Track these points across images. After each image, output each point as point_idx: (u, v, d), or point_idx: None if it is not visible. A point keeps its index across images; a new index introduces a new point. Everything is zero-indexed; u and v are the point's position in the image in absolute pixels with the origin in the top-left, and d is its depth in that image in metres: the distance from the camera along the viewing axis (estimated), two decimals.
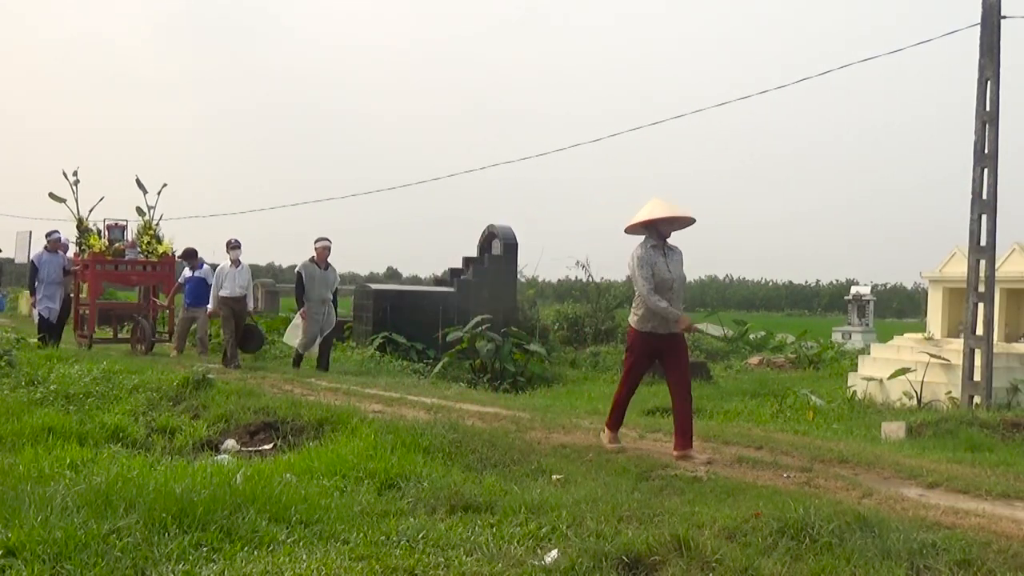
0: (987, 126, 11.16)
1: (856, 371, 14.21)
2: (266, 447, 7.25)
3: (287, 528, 4.33)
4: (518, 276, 21.65)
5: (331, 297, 12.64)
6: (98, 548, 3.81)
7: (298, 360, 12.83)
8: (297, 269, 12.66)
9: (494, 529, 4.44)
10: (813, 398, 12.89)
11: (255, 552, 3.99)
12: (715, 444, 7.05)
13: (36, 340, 14.27)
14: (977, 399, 11.08)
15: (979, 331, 11.26)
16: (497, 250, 20.37)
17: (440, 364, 16.49)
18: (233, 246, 13.11)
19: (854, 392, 13.48)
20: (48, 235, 14.90)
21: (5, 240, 33.04)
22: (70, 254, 15.32)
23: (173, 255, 14.83)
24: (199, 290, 14.18)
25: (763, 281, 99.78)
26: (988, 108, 11.15)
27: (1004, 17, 11.11)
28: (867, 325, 31.38)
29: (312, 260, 12.46)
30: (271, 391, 9.44)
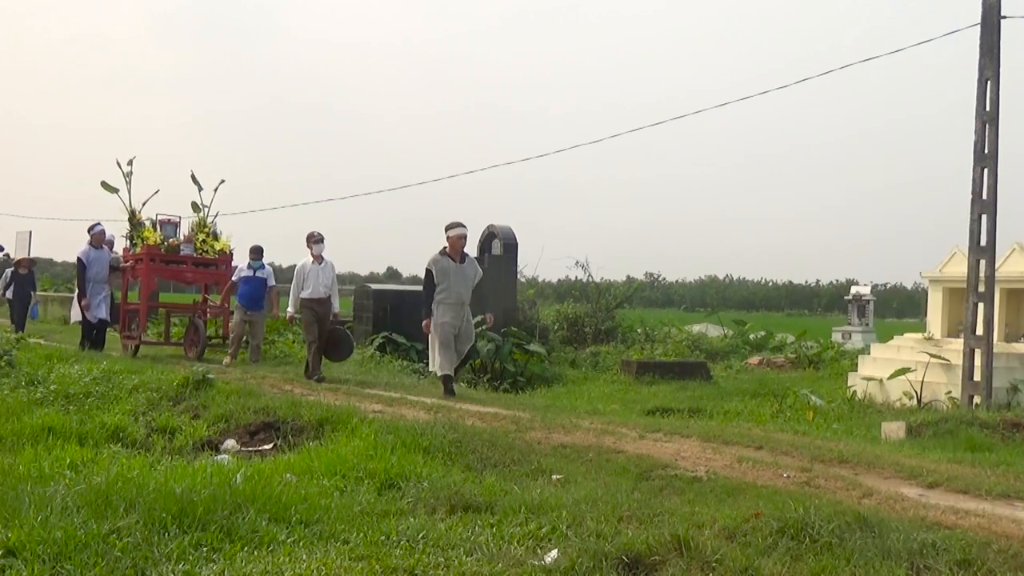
0: (987, 126, 11.16)
1: (856, 371, 14.22)
2: (266, 447, 7.24)
3: (287, 528, 4.33)
4: (518, 276, 21.64)
5: (469, 298, 10.12)
6: (98, 548, 3.81)
7: (448, 383, 10.06)
8: (426, 266, 10.01)
9: (494, 529, 4.44)
10: (813, 398, 12.88)
11: (255, 552, 3.99)
12: (715, 444, 7.05)
13: (85, 348, 13.26)
14: (977, 399, 11.08)
15: (979, 331, 11.26)
16: (497, 250, 20.35)
17: None
18: (316, 240, 11.35)
19: (854, 392, 13.48)
20: (91, 229, 13.72)
21: (5, 240, 33.01)
22: (118, 249, 14.44)
23: (231, 253, 14.00)
24: (259, 292, 13.06)
25: (763, 281, 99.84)
26: (988, 108, 11.15)
27: (1004, 17, 11.12)
28: (867, 325, 31.38)
29: (444, 252, 9.97)
30: (271, 391, 9.44)
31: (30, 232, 33.95)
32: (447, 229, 10.07)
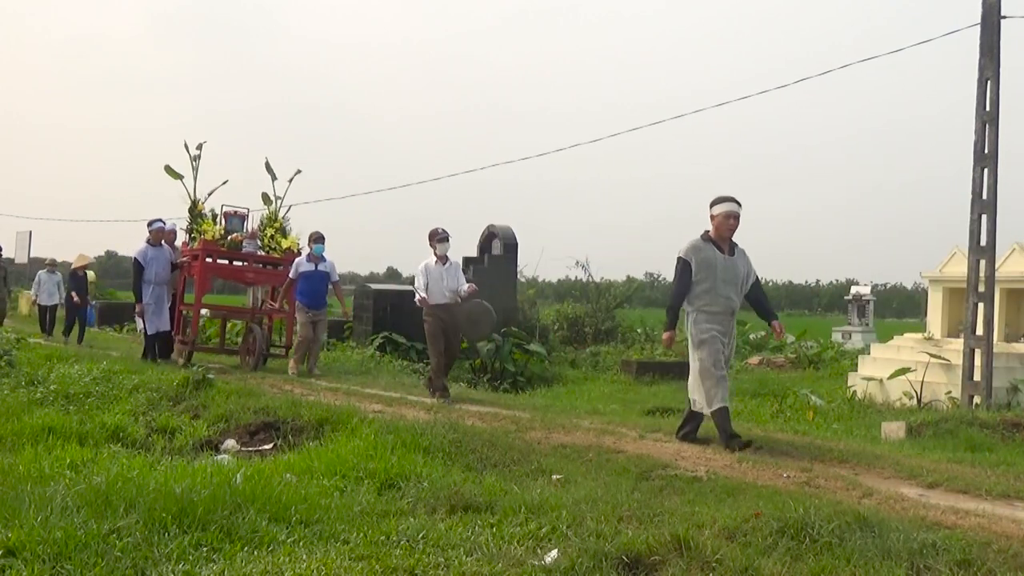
0: (987, 126, 11.15)
1: (856, 371, 14.21)
2: (266, 447, 7.24)
3: (287, 528, 4.33)
4: (518, 276, 21.64)
5: (739, 305, 7.32)
6: (98, 548, 3.81)
7: (726, 421, 7.08)
8: (681, 254, 7.14)
9: (494, 529, 4.44)
10: (813, 398, 12.88)
11: (255, 552, 3.99)
12: (716, 444, 7.05)
13: (149, 359, 12.14)
14: (977, 399, 11.07)
15: (979, 331, 11.26)
16: (497, 250, 20.36)
17: None
18: (441, 239, 9.87)
19: (854, 392, 13.47)
20: (150, 225, 12.33)
21: (5, 240, 33.01)
22: (178, 243, 12.95)
23: (299, 252, 12.23)
24: (322, 288, 11.71)
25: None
26: (988, 108, 11.14)
27: (1004, 17, 11.11)
28: (867, 325, 31.38)
29: (706, 237, 7.15)
30: (271, 391, 9.43)
31: (30, 232, 33.98)
32: (713, 205, 7.16)
